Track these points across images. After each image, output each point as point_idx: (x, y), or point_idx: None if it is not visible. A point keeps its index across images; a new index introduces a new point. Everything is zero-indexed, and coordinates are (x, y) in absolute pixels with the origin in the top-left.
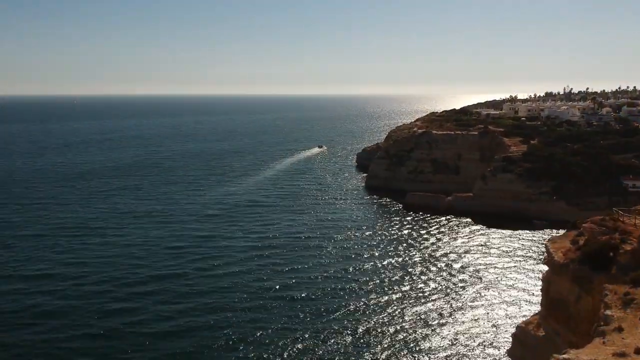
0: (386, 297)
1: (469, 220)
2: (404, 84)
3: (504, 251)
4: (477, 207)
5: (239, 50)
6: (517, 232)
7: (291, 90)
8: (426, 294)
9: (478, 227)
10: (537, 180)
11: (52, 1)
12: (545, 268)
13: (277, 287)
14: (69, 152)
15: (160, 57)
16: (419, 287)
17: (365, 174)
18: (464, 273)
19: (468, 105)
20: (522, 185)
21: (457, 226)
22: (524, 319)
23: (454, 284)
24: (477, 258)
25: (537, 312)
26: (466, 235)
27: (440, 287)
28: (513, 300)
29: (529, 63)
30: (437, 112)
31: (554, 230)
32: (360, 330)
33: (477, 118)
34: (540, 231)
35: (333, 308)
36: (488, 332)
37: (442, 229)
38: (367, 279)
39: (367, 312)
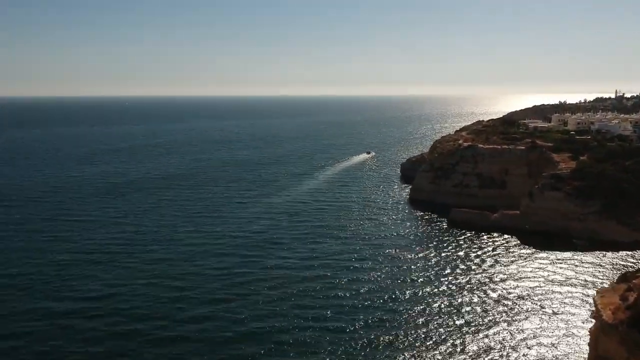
0: (436, 331)
1: (515, 239)
2: (448, 84)
3: (551, 279)
4: (523, 225)
5: (275, 52)
6: (563, 254)
7: (334, 91)
8: (476, 329)
9: (524, 248)
10: (586, 199)
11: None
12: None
13: (321, 316)
14: (116, 159)
15: (198, 58)
16: (468, 319)
17: (409, 186)
18: (511, 305)
19: (514, 112)
20: (570, 204)
21: (504, 247)
22: None
23: (503, 319)
24: (526, 288)
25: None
26: (513, 259)
27: (490, 320)
28: (559, 341)
29: (576, 63)
30: (482, 121)
31: (598, 252)
32: None
33: (525, 131)
34: (589, 253)
35: (380, 342)
36: None
37: (489, 251)
38: (417, 308)
39: (419, 345)
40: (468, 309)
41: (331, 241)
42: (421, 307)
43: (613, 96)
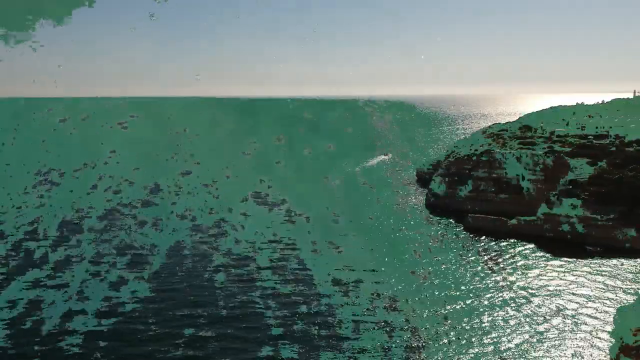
0: (465, 356)
1: (533, 247)
2: (451, 84)
3: (575, 292)
4: (541, 232)
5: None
6: (582, 262)
7: (355, 92)
8: (505, 351)
9: (544, 257)
10: (604, 206)
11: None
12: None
13: (338, 335)
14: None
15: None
16: (494, 341)
17: (424, 189)
18: (539, 323)
19: (530, 114)
20: (588, 211)
21: (524, 256)
22: None
23: (534, 340)
24: (553, 304)
25: None
26: (535, 270)
27: (520, 342)
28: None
29: (593, 63)
30: (499, 124)
31: (616, 261)
32: None
33: (542, 135)
34: (606, 261)
35: None
36: None
37: (509, 260)
38: (442, 328)
39: None
40: (496, 329)
41: (347, 251)
42: (446, 328)
43: (631, 96)
